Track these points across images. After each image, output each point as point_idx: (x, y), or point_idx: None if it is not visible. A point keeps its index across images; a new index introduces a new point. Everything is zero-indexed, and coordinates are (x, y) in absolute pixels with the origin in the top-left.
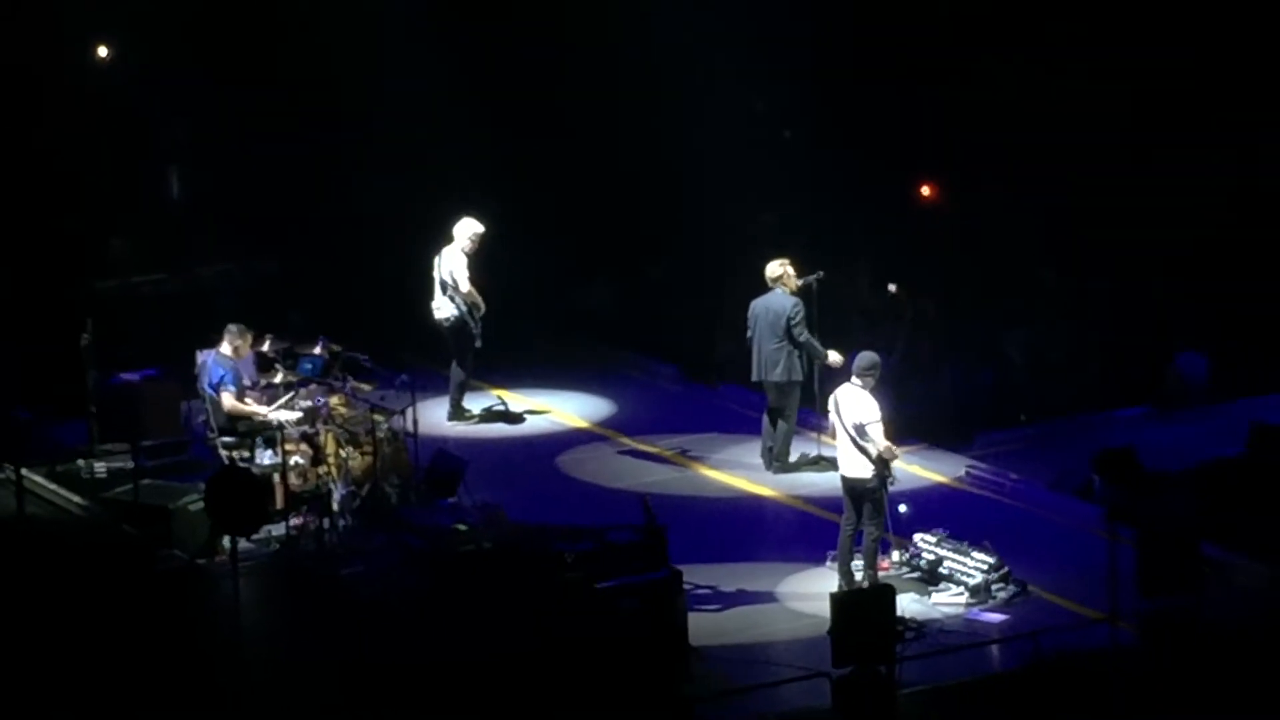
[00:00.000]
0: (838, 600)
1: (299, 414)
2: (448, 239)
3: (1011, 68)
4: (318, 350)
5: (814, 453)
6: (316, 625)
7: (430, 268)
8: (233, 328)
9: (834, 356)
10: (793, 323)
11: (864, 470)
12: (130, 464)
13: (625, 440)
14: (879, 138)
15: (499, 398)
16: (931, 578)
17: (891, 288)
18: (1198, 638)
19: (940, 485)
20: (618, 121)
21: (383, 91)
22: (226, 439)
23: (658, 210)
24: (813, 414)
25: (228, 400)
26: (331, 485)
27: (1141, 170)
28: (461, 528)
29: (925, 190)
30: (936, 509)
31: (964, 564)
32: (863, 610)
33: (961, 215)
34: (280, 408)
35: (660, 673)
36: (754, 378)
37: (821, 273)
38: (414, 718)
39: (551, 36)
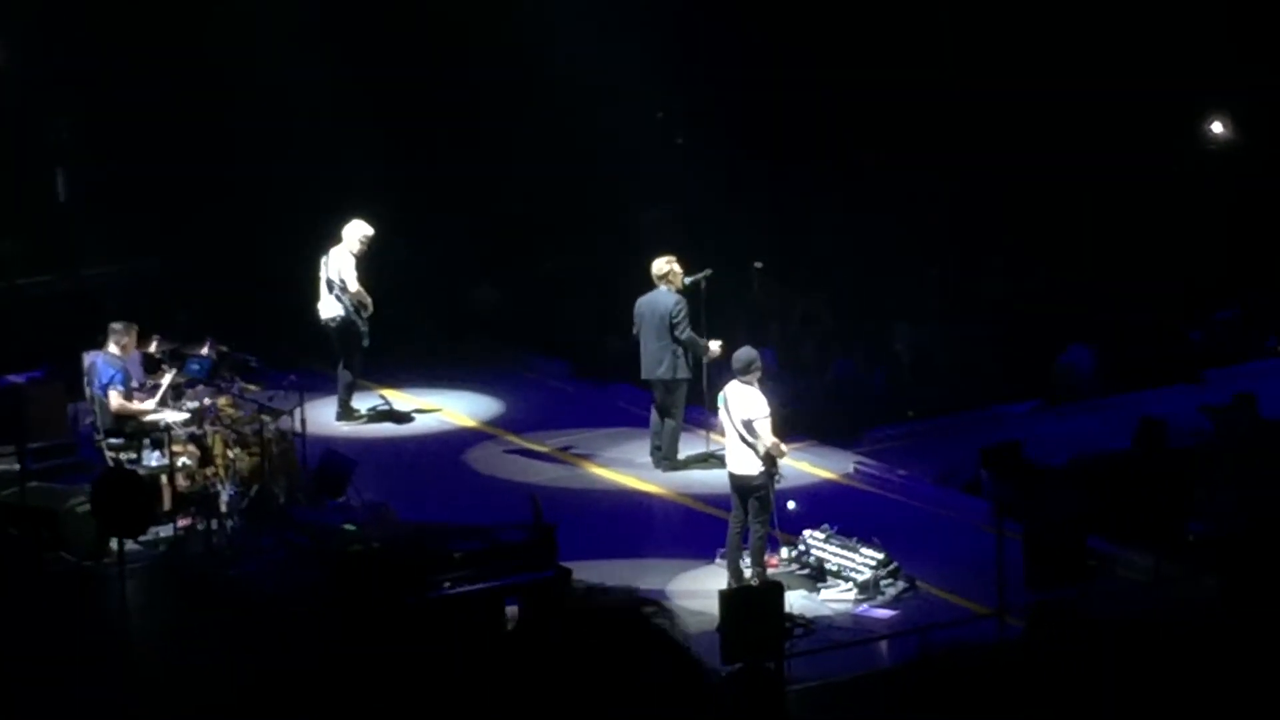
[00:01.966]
0: (726, 597)
1: (186, 415)
2: (336, 240)
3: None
4: (205, 351)
5: (702, 450)
6: (205, 626)
7: (317, 268)
8: (117, 325)
9: (714, 347)
10: (674, 320)
11: (751, 467)
12: (16, 466)
13: (514, 439)
14: (766, 133)
15: (383, 397)
16: (820, 574)
17: (757, 265)
18: (1083, 630)
19: (829, 481)
20: (511, 118)
21: (271, 86)
22: (114, 440)
23: (549, 207)
24: (701, 411)
25: (116, 400)
26: (219, 486)
27: (1031, 163)
28: (350, 528)
29: None
30: (825, 505)
31: (852, 560)
32: (751, 607)
33: (849, 210)
34: (166, 405)
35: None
36: (642, 375)
37: (710, 270)
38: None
39: (449, 32)
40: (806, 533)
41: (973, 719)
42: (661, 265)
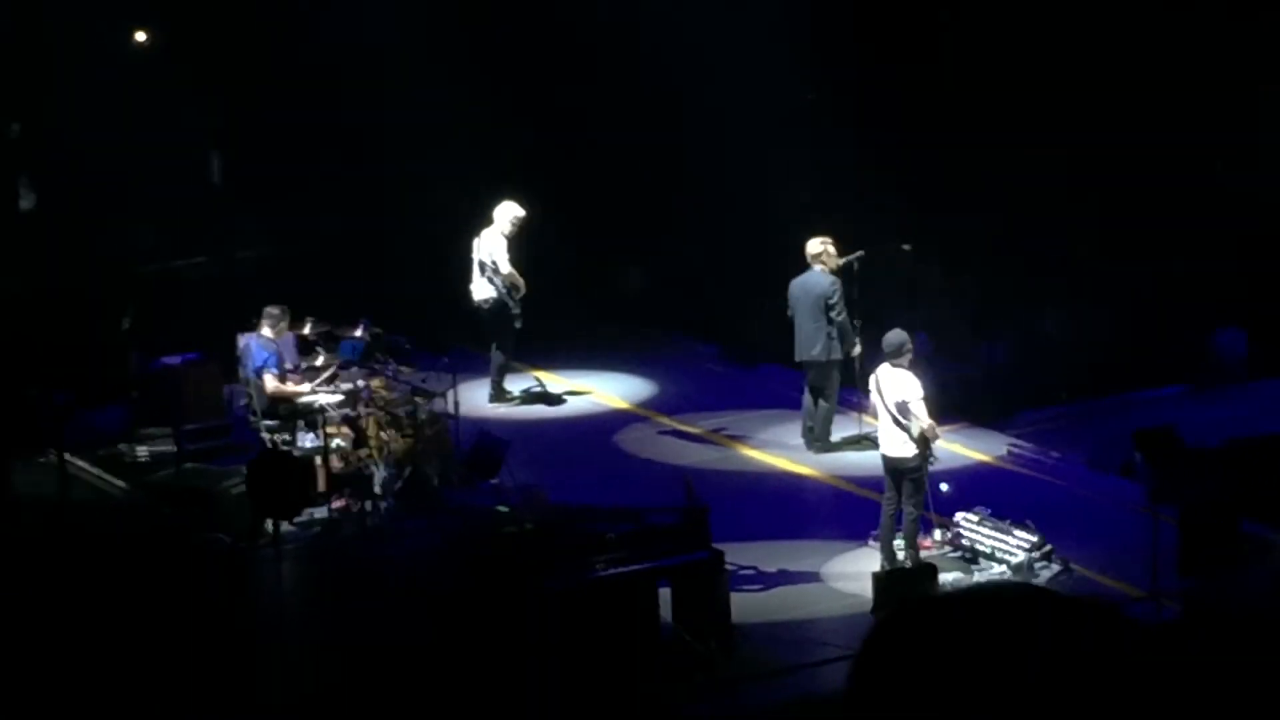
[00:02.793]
0: (880, 579)
1: (341, 397)
2: (487, 221)
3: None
4: (359, 333)
5: (855, 432)
6: (358, 608)
7: (469, 250)
8: (273, 309)
9: (856, 349)
10: (830, 302)
11: (905, 449)
12: (172, 448)
13: (666, 421)
14: (915, 112)
15: (537, 379)
16: (973, 557)
17: (905, 247)
18: (1236, 616)
19: (982, 463)
20: (656, 100)
21: (418, 71)
22: (269, 422)
23: (698, 189)
24: (854, 392)
25: (270, 383)
26: (373, 468)
27: (1183, 144)
28: (503, 509)
29: None
30: (978, 487)
31: (1006, 542)
32: (905, 589)
33: (1001, 195)
34: (321, 389)
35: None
36: (796, 357)
37: (862, 252)
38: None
39: (583, 18)
40: (960, 515)
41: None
42: (816, 246)
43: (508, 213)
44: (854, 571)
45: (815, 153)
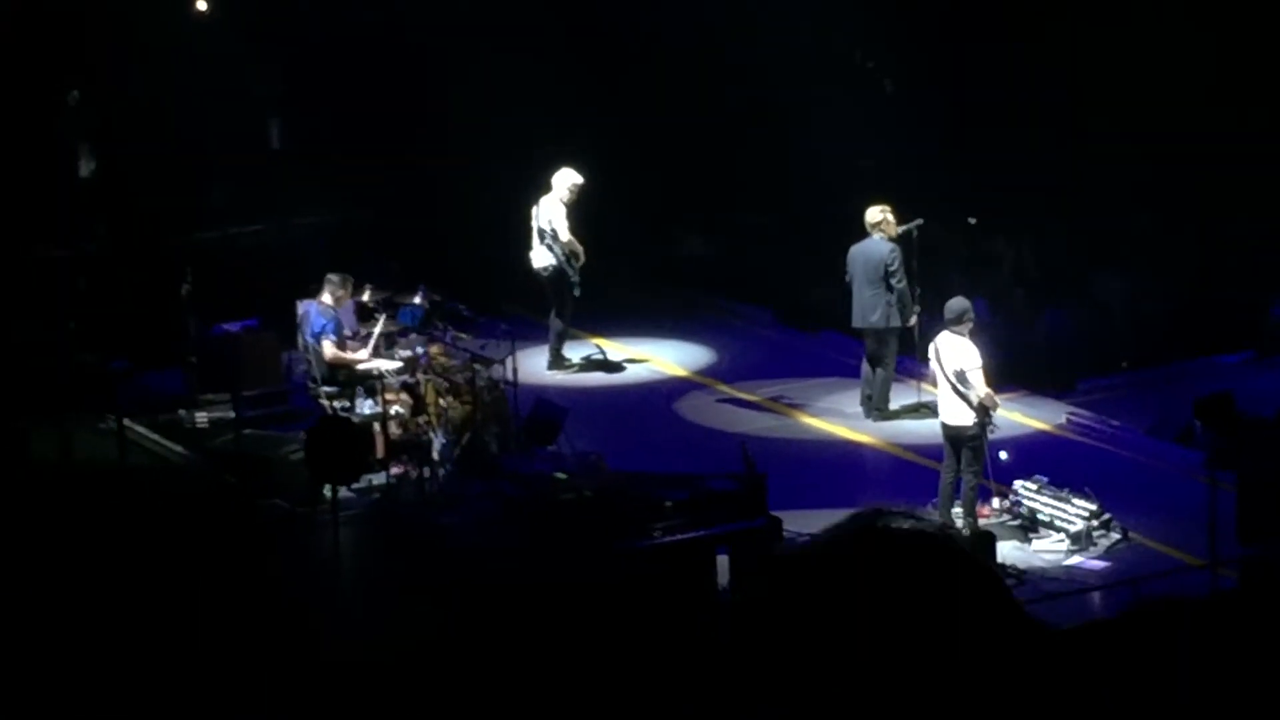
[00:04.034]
0: None
1: (399, 363)
2: (546, 189)
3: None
4: (417, 299)
5: (914, 400)
6: (416, 574)
7: (528, 217)
8: (333, 277)
9: (914, 318)
10: (890, 269)
11: (964, 417)
12: (231, 414)
13: (724, 388)
14: (977, 85)
15: (598, 346)
16: (1032, 525)
17: (971, 220)
18: None
19: (1041, 432)
20: (713, 69)
21: (475, 41)
22: (328, 389)
23: (755, 156)
24: (912, 361)
25: (329, 349)
26: (431, 434)
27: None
28: (561, 476)
29: None
30: (1037, 456)
31: (1064, 511)
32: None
33: (1057, 165)
34: (379, 354)
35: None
36: (853, 324)
37: (921, 220)
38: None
39: None
40: (1018, 483)
41: (1185, 670)
42: (875, 214)
43: (566, 180)
44: None
45: (877, 122)
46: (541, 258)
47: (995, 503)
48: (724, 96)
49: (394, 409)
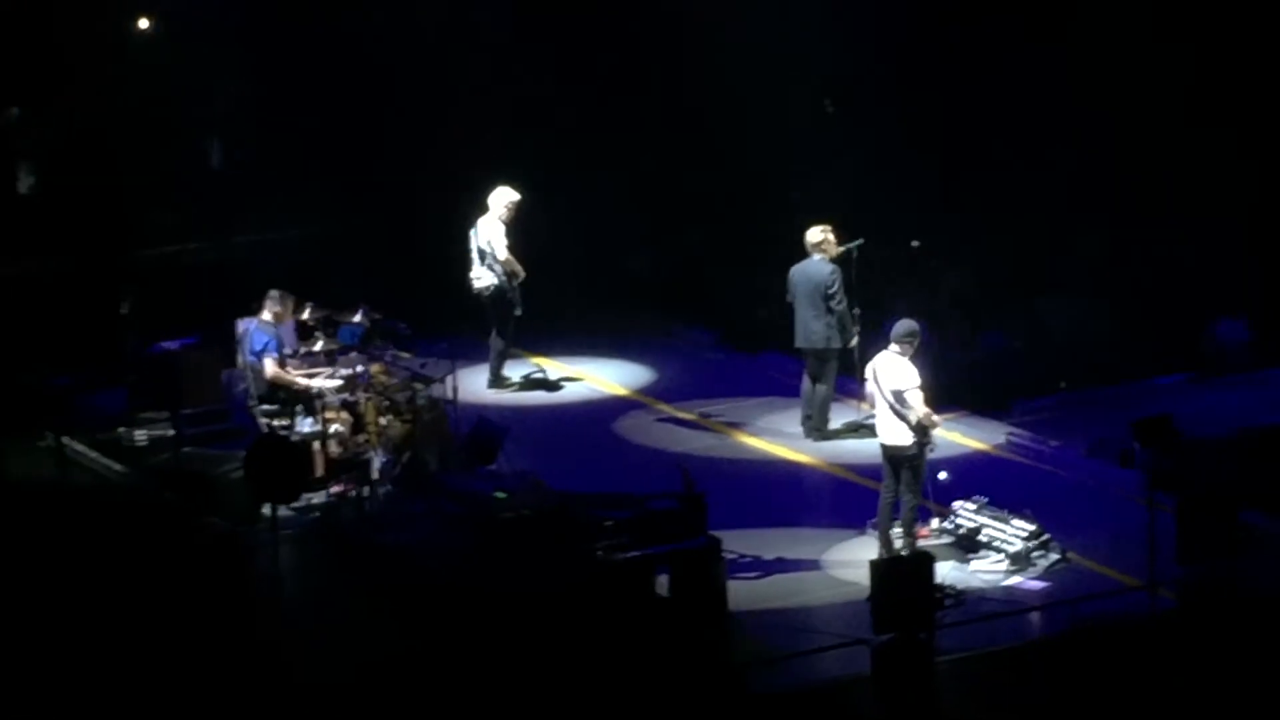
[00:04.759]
0: (877, 567)
1: (339, 382)
2: (483, 208)
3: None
4: (358, 318)
5: (853, 419)
6: (356, 593)
7: (467, 238)
8: (273, 293)
9: (854, 339)
10: (830, 291)
11: (903, 437)
12: (171, 432)
13: (665, 408)
14: (918, 106)
15: (538, 365)
16: (971, 545)
17: (915, 243)
18: (1236, 605)
19: (980, 452)
20: (658, 88)
21: (419, 57)
22: (267, 407)
23: (699, 177)
24: (852, 381)
25: (270, 367)
26: (371, 453)
27: (1182, 135)
28: (501, 495)
29: None
30: (976, 476)
31: (1004, 531)
32: (902, 577)
33: (993, 186)
34: (321, 376)
35: (699, 641)
36: (796, 344)
37: (861, 240)
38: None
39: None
40: (958, 503)
41: (1123, 692)
42: (816, 234)
43: (503, 198)
44: (851, 559)
45: (822, 147)
46: (483, 278)
47: (934, 523)
48: (671, 112)
49: (334, 427)
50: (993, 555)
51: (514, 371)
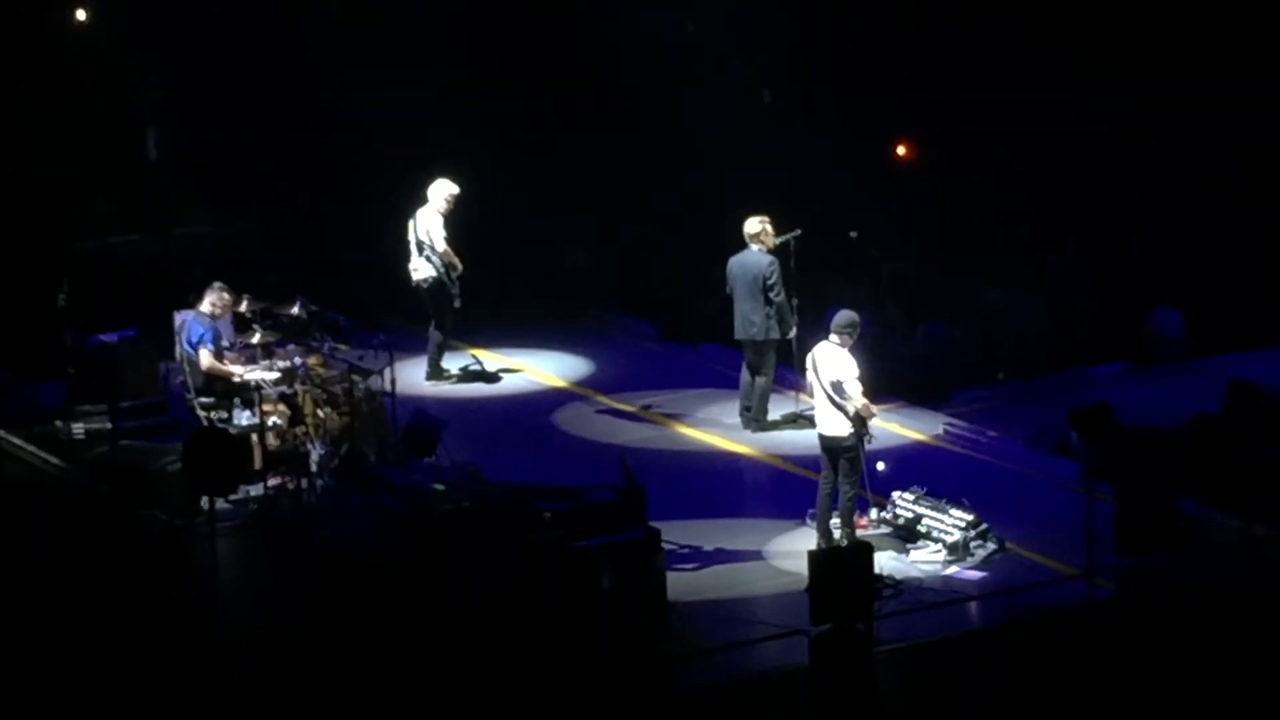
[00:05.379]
0: (816, 558)
1: (277, 374)
2: (422, 200)
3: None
4: (295, 310)
5: (792, 410)
6: (294, 585)
7: (405, 230)
8: (215, 285)
9: (793, 330)
10: (768, 282)
11: (841, 428)
12: (108, 425)
13: (604, 399)
14: (855, 97)
15: (475, 357)
16: (910, 535)
17: (853, 234)
18: (1174, 594)
19: (918, 443)
20: (596, 79)
21: (359, 51)
22: (204, 399)
23: (637, 168)
24: (791, 372)
25: (206, 359)
26: (309, 445)
27: (1121, 130)
28: (439, 487)
29: (901, 150)
30: (915, 466)
31: (942, 521)
32: (841, 568)
33: (937, 175)
34: (258, 369)
35: (636, 633)
36: (735, 336)
37: (799, 231)
38: (382, 676)
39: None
40: (896, 494)
41: (1062, 681)
42: (754, 225)
43: (442, 190)
44: (790, 550)
45: (761, 136)
46: (421, 270)
47: (873, 513)
48: (610, 104)
49: (271, 420)
50: (931, 545)
51: (452, 363)
